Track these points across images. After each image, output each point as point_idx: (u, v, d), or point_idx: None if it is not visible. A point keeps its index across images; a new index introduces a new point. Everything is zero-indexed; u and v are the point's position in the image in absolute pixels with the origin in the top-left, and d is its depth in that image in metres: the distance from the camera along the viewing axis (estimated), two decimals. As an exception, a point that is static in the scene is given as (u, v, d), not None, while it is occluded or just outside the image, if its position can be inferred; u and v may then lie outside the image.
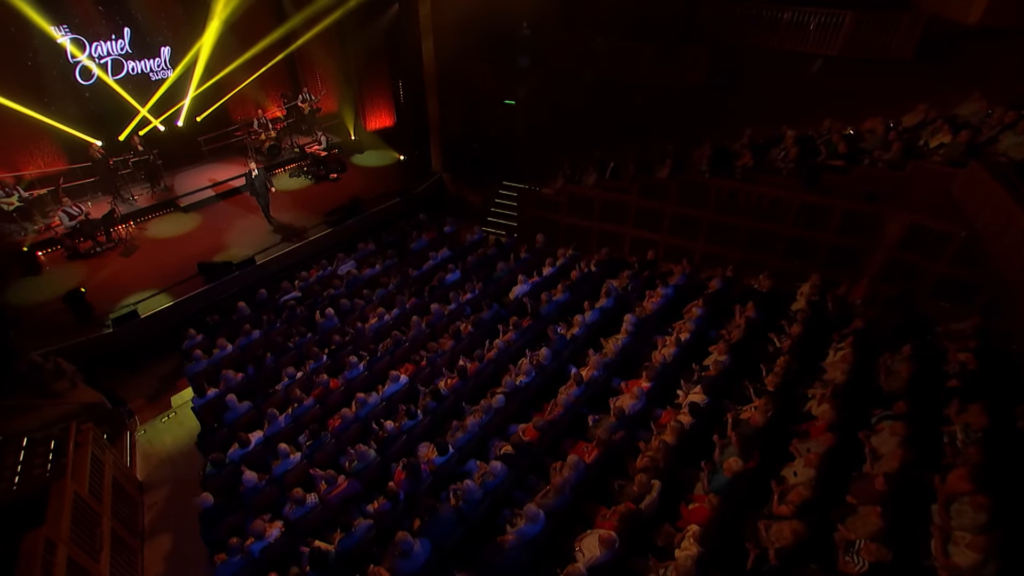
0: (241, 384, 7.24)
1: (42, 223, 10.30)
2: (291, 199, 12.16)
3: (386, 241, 10.69)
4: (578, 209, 11.13)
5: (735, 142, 9.82)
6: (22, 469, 5.61)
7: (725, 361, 6.74)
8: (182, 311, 8.68)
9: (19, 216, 10.19)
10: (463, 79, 12.56)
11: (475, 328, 8.11)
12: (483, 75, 12.33)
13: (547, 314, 8.37)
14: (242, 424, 6.65)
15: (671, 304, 8.55)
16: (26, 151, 11.05)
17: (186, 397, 7.74)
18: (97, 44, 11.80)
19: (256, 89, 13.87)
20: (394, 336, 7.84)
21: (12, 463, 5.68)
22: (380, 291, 9.18)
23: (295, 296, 8.98)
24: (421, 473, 5.63)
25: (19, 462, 5.70)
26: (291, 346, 7.89)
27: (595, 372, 7.02)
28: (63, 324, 8.15)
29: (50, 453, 5.69)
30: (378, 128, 15.20)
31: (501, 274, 9.56)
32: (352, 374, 7.29)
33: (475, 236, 10.91)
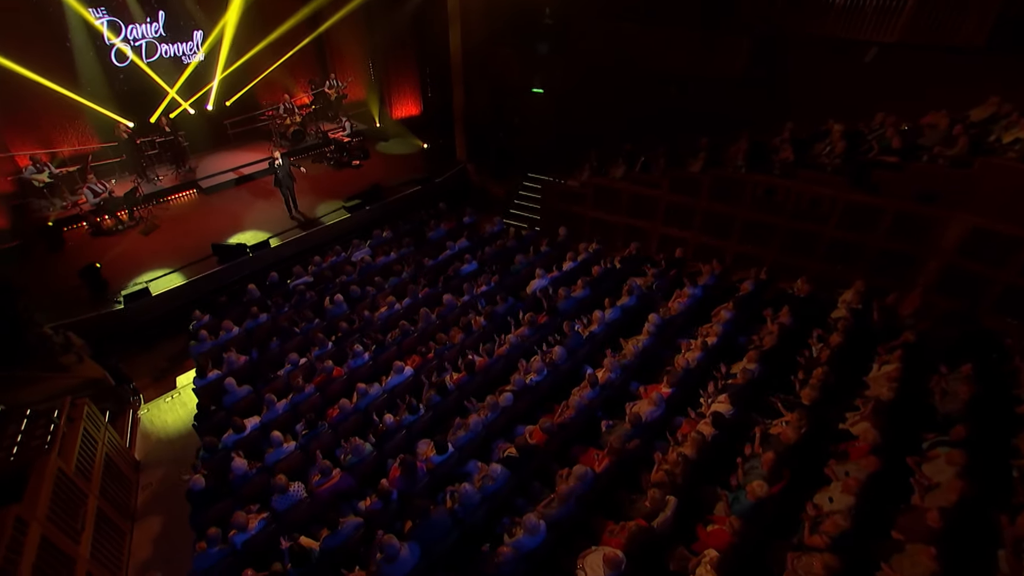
0: (244, 368, 7.05)
1: (70, 200, 10.44)
2: (311, 184, 12.01)
3: (403, 229, 10.42)
4: (604, 203, 10.60)
5: (774, 137, 9.13)
6: (22, 439, 5.52)
7: (755, 369, 6.16)
8: (194, 291, 8.58)
9: (48, 192, 10.35)
10: (490, 67, 12.19)
11: (488, 321, 7.72)
12: (510, 63, 11.93)
13: (564, 310, 7.92)
14: (240, 408, 6.43)
15: (698, 306, 7.98)
16: (61, 130, 11.26)
17: (192, 378, 7.59)
18: (132, 27, 11.96)
19: (285, 74, 13.85)
20: (402, 326, 7.52)
21: (13, 433, 5.60)
22: (393, 279, 8.90)
23: (306, 281, 8.78)
24: (417, 472, 5.27)
25: (20, 431, 5.62)
26: (297, 331, 7.67)
27: (612, 374, 6.54)
28: (78, 299, 8.15)
29: (51, 425, 5.59)
30: (404, 117, 14.99)
31: (519, 267, 9.15)
32: (356, 363, 7.00)
33: (495, 227, 10.53)
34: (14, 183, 10.27)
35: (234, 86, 13.31)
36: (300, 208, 10.70)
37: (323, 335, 7.35)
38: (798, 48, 9.36)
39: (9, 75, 9.93)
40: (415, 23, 13.19)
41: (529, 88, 12.10)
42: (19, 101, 10.37)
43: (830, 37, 8.76)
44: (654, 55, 10.32)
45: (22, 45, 10.00)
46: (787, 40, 9.31)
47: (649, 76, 10.75)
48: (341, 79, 14.23)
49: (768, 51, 9.49)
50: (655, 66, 10.42)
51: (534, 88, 12.27)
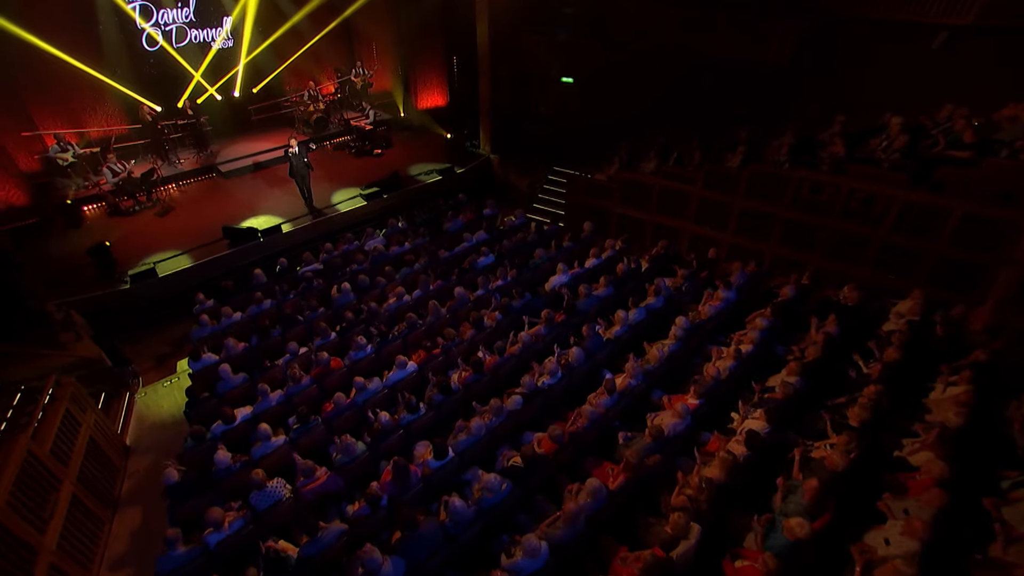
0: (242, 355, 6.72)
1: (92, 180, 10.41)
2: (329, 171, 11.79)
3: (420, 219, 10.01)
4: (633, 198, 9.97)
5: (823, 131, 8.35)
6: (12, 415, 5.30)
7: (796, 383, 5.46)
8: (201, 274, 8.36)
9: (72, 171, 10.35)
10: (518, 55, 11.72)
11: (501, 317, 7.21)
12: (539, 50, 11.42)
13: (585, 309, 7.34)
14: (233, 397, 6.09)
15: (732, 310, 7.30)
16: (90, 111, 11.31)
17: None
18: (163, 11, 11.97)
19: (311, 62, 13.73)
20: (409, 319, 7.07)
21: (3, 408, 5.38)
22: (404, 270, 8.48)
23: (315, 268, 8.45)
24: (410, 476, 4.79)
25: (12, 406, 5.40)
26: (300, 319, 7.32)
27: (633, 380, 5.94)
28: (87, 277, 8.00)
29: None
30: (429, 107, 14.64)
31: (539, 262, 8.61)
32: (358, 355, 6.59)
33: (517, 220, 10.01)
34: (40, 161, 10.30)
35: (261, 73, 13.25)
36: (316, 196, 10.38)
37: (326, 325, 6.97)
38: (852, 33, 8.53)
39: (42, 55, 10.01)
40: (443, 10, 12.82)
41: (558, 77, 11.55)
42: (51, 81, 10.44)
43: (891, 20, 7.92)
44: (692, 41, 9.63)
45: (55, 27, 10.07)
46: (841, 24, 8.50)
47: (686, 64, 10.07)
48: (368, 67, 13.98)
49: (818, 37, 8.69)
50: (693, 53, 9.74)
51: (563, 77, 11.72)
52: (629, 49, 10.56)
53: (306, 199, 10.13)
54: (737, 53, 9.19)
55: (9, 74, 9.73)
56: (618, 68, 10.82)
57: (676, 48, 9.88)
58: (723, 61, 9.46)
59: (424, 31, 13.30)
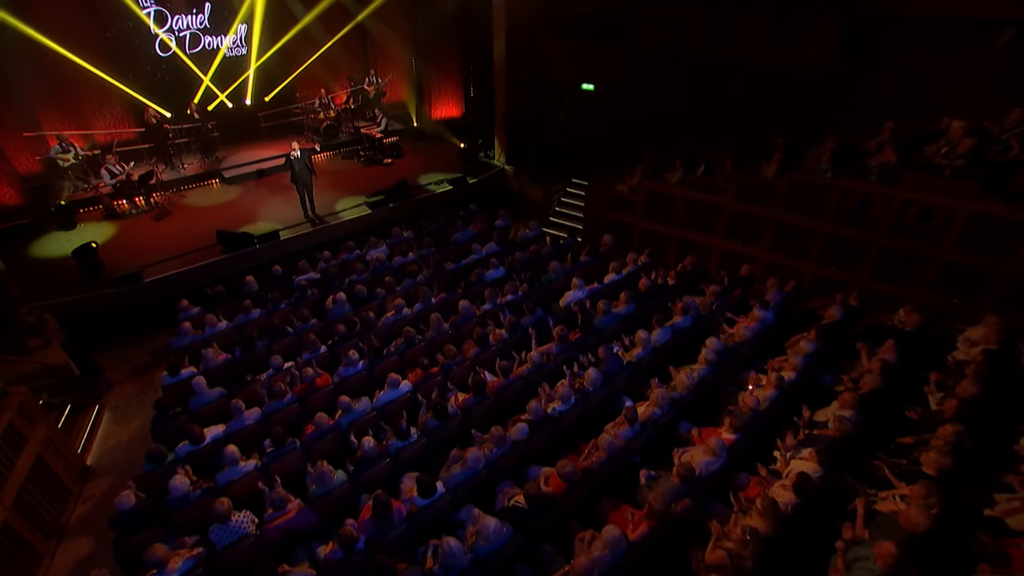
0: (222, 367, 6.19)
1: (92, 182, 10.20)
2: (335, 179, 11.48)
3: (427, 229, 9.52)
4: (657, 211, 9.36)
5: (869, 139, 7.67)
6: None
7: (851, 418, 4.69)
8: (190, 280, 7.93)
9: (72, 173, 10.16)
10: (536, 61, 11.35)
11: (509, 335, 6.58)
12: (559, 56, 11.02)
13: (603, 328, 6.68)
14: (206, 414, 5.52)
15: (769, 333, 6.56)
16: (97, 113, 11.22)
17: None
18: (178, 17, 11.99)
19: (324, 70, 13.60)
20: (407, 333, 6.48)
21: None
22: (407, 281, 7.94)
23: (311, 277, 7.96)
24: (392, 515, 4.12)
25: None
26: (289, 331, 6.78)
27: (657, 410, 5.23)
28: (71, 280, 7.63)
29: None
30: (444, 118, 14.35)
31: (553, 276, 8.00)
32: (347, 372, 6.00)
33: (531, 232, 9.45)
34: (41, 163, 10.14)
35: (273, 80, 13.14)
36: (319, 204, 9.98)
37: (315, 337, 6.40)
38: (899, 31, 7.91)
39: (52, 56, 9.97)
40: (460, 16, 12.60)
41: (578, 84, 11.12)
42: (59, 82, 10.40)
43: (946, 16, 7.29)
44: (722, 44, 9.10)
45: (67, 28, 10.07)
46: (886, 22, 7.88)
47: (714, 69, 9.54)
48: (381, 76, 13.78)
49: (861, 36, 8.08)
50: (722, 58, 9.20)
51: (583, 84, 11.28)
52: (653, 54, 10.07)
53: (306, 206, 9.72)
54: (771, 56, 8.62)
55: (17, 74, 9.66)
56: (642, 74, 10.35)
57: (704, 52, 9.36)
58: (755, 65, 8.90)
59: (440, 38, 13.10)
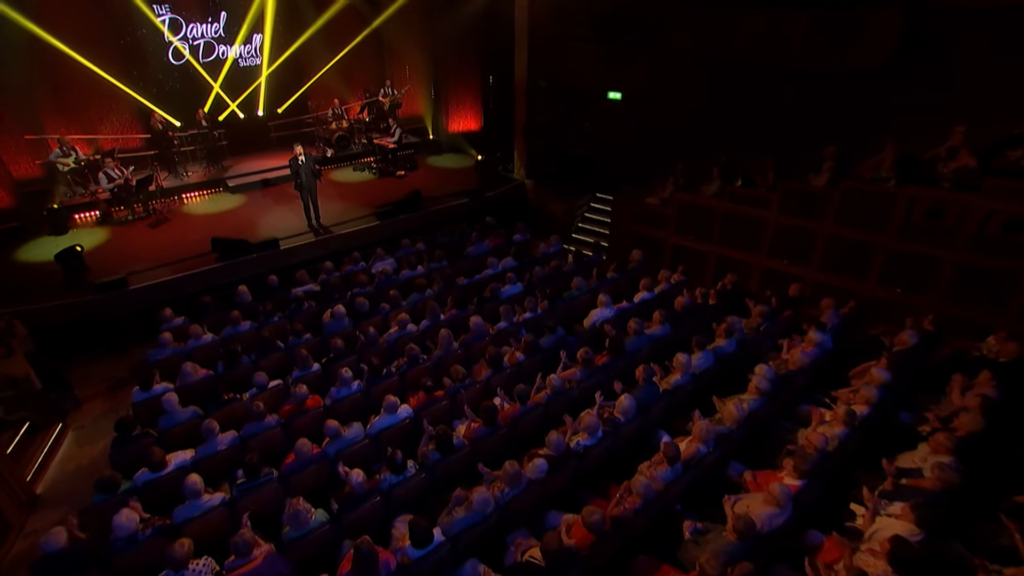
0: (200, 384, 5.62)
1: (91, 188, 9.96)
2: (344, 190, 11.17)
3: (439, 241, 9.01)
4: (691, 225, 8.71)
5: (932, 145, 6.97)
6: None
7: (953, 466, 3.87)
8: (180, 289, 7.47)
9: (72, 177, 9.94)
10: (559, 68, 10.97)
11: (526, 356, 5.90)
12: (585, 61, 10.62)
13: (635, 351, 5.99)
14: (174, 436, 4.92)
15: (827, 360, 5.78)
16: (102, 118, 11.11)
17: (148, 393, 6.25)
18: (193, 25, 12.02)
19: (339, 79, 13.47)
20: (411, 351, 5.85)
21: None
22: (414, 296, 7.37)
23: (309, 289, 7.45)
24: (379, 568, 3.40)
25: None
26: (280, 346, 6.21)
27: (702, 447, 4.48)
28: (52, 285, 7.22)
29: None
30: (461, 131, 14.04)
31: (576, 293, 7.37)
32: (341, 393, 5.37)
33: (552, 248, 8.87)
34: (41, 167, 9.96)
35: (287, 91, 13.04)
36: (324, 214, 9.55)
37: (308, 353, 5.80)
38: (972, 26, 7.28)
39: (61, 59, 9.90)
40: (481, 24, 12.38)
41: (604, 91, 10.68)
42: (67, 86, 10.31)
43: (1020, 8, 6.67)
44: (765, 47, 8.57)
45: (81, 33, 10.06)
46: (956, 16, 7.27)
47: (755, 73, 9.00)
48: (397, 87, 13.57)
49: (926, 32, 7.47)
50: (765, 60, 8.66)
51: (610, 93, 10.84)
52: (688, 58, 9.60)
53: (310, 215, 9.30)
54: (820, 57, 8.04)
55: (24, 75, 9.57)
56: (674, 79, 9.88)
57: (744, 54, 8.84)
58: (802, 67, 8.32)
59: (459, 48, 12.88)
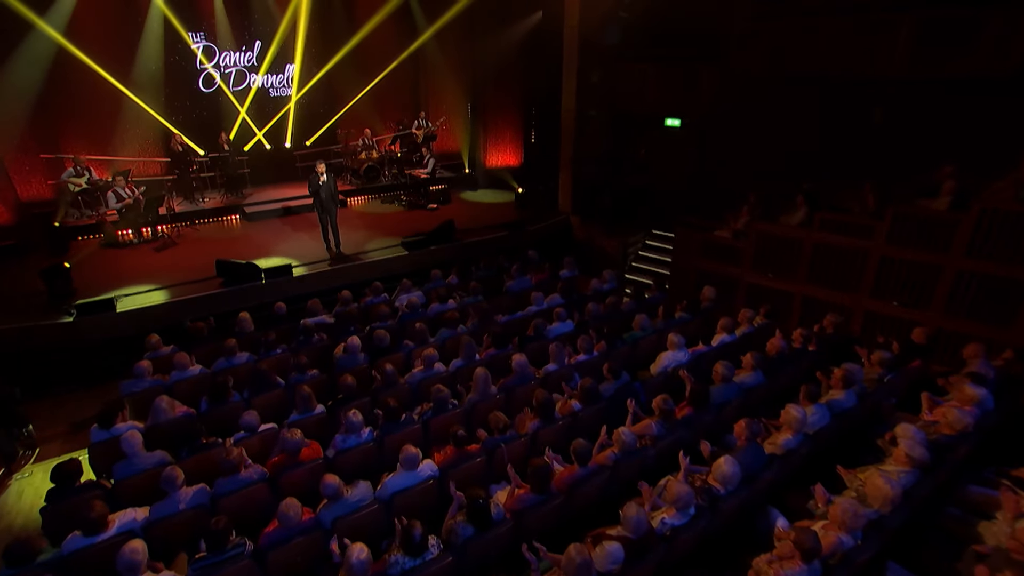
0: (177, 424, 4.72)
1: (101, 211, 9.67)
2: (370, 220, 10.75)
3: (475, 274, 8.21)
4: (771, 261, 7.72)
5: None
6: None
7: None
8: (175, 314, 6.77)
9: (82, 198, 9.68)
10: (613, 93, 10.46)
11: (583, 405, 4.86)
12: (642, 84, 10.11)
13: (722, 401, 4.87)
14: (134, 489, 3.98)
15: (990, 422, 4.52)
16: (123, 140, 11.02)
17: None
18: (226, 53, 12.21)
19: (372, 110, 13.40)
20: (438, 393, 4.87)
21: None
22: (444, 331, 6.48)
23: (321, 321, 6.65)
24: None
25: None
26: (279, 382, 5.33)
27: (846, 538, 3.30)
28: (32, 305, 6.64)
29: None
30: (499, 166, 13.62)
31: (640, 334, 6.37)
32: (348, 442, 4.40)
33: (606, 284, 7.95)
34: (53, 187, 9.77)
35: (317, 120, 13.00)
36: (345, 243, 9.00)
37: (311, 392, 4.88)
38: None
39: (87, 80, 9.97)
40: (525, 51, 12.18)
41: (662, 116, 10.08)
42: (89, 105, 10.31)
43: None
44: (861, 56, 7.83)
45: (112, 53, 10.19)
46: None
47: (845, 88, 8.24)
48: (432, 120, 13.36)
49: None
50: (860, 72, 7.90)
51: (668, 120, 10.21)
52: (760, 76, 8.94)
53: (329, 239, 8.78)
54: (928, 66, 7.22)
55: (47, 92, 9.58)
56: (744, 101, 9.19)
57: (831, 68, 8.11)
58: (904, 80, 7.50)
59: (501, 76, 12.68)
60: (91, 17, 9.87)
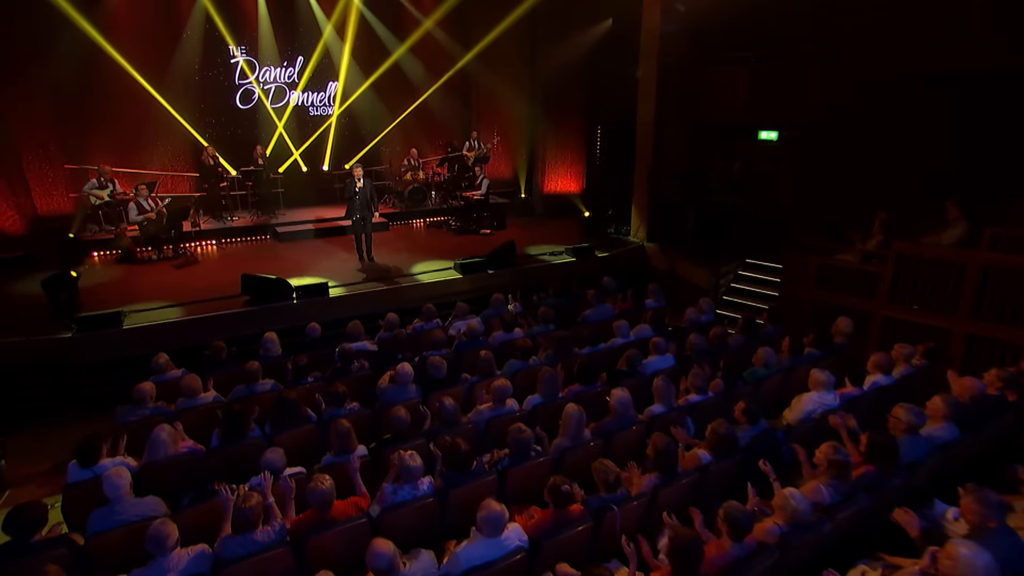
0: (181, 463, 3.91)
1: (122, 226, 9.37)
2: (416, 243, 10.32)
3: (544, 301, 7.42)
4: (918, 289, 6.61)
5: None
6: None
7: None
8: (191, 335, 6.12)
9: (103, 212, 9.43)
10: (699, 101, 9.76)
11: (713, 457, 3.85)
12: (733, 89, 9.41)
13: (912, 460, 3.77)
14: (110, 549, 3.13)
15: None
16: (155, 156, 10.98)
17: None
18: (266, 69, 12.31)
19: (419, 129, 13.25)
20: (516, 437, 3.93)
21: None
22: (513, 363, 5.62)
23: (363, 347, 5.89)
24: None
25: None
26: (310, 416, 4.51)
27: None
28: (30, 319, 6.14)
29: None
30: (559, 192, 13.03)
31: (765, 372, 5.35)
32: (399, 495, 3.49)
33: (703, 316, 7.00)
34: (75, 200, 9.61)
35: (358, 142, 12.89)
36: (390, 269, 8.55)
37: (351, 428, 4.00)
38: None
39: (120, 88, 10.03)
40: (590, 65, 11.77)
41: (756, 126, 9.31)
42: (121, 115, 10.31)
43: None
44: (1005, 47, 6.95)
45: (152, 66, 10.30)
46: None
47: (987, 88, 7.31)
48: (484, 141, 12.95)
49: None
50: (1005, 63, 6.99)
51: (762, 132, 9.42)
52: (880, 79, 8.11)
53: (361, 249, 8.69)
54: None
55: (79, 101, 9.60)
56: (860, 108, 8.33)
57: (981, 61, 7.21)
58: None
59: (563, 94, 12.25)
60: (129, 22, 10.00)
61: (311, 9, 11.85)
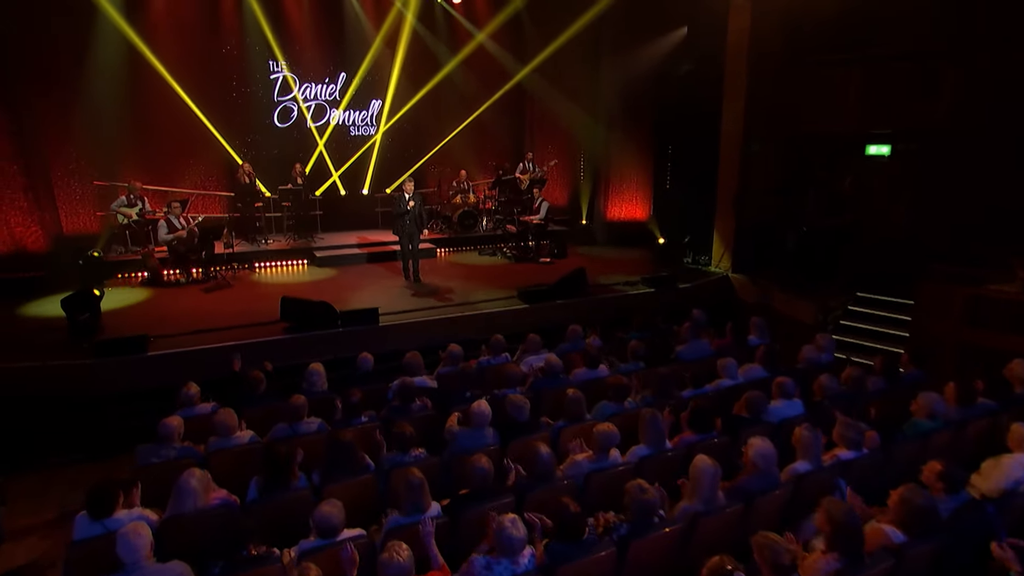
0: (211, 518, 3.35)
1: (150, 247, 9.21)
2: (469, 271, 10.06)
3: (627, 336, 6.81)
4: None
5: None
6: None
7: None
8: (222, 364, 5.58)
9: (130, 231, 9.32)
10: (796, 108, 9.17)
11: (908, 535, 3.09)
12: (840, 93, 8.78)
13: None
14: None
15: None
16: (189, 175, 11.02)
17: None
18: (308, 85, 12.37)
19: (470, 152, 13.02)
20: (639, 495, 3.24)
21: None
22: (607, 405, 4.98)
23: (423, 384, 5.34)
24: None
25: None
26: (368, 464, 3.93)
27: None
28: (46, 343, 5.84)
29: None
30: (622, 219, 12.53)
31: (931, 425, 4.58)
32: (496, 573, 2.86)
33: (823, 354, 6.24)
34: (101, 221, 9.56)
35: (403, 164, 12.77)
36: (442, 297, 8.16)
37: (421, 481, 3.38)
38: None
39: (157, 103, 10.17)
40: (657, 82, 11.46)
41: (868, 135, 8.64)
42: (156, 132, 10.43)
43: None
44: None
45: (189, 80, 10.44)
46: None
47: None
48: (540, 163, 12.59)
49: None
50: None
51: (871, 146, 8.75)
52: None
53: (407, 268, 8.73)
54: None
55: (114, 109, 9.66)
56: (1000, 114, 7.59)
57: None
58: None
59: (630, 111, 11.90)
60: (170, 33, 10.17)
61: (360, 21, 11.89)
